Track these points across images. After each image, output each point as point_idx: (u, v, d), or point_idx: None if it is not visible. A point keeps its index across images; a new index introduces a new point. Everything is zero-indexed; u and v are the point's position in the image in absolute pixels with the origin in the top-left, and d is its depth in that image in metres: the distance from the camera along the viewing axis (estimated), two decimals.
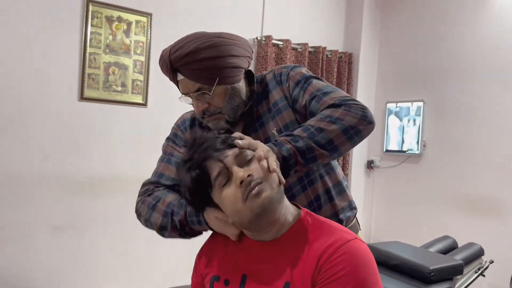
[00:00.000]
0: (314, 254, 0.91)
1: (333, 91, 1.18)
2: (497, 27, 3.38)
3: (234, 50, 1.20)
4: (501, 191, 3.29)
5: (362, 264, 0.89)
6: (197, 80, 1.18)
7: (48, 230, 2.78)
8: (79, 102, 2.84)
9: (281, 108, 1.25)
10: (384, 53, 4.27)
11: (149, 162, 3.08)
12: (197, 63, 1.16)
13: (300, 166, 1.07)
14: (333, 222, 1.01)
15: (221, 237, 1.10)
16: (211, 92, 1.18)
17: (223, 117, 1.23)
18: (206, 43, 1.15)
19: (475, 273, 2.72)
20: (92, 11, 2.83)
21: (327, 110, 1.13)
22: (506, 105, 3.30)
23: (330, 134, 1.08)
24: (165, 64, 1.20)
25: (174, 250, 3.18)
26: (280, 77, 1.28)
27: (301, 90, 1.22)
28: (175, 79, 1.23)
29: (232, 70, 1.20)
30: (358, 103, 1.13)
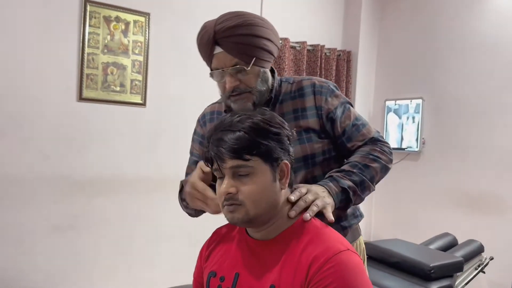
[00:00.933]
0: (305, 262, 0.91)
1: (366, 123, 1.32)
2: (496, 24, 3.38)
3: (271, 36, 1.25)
4: (500, 188, 3.29)
5: (354, 277, 0.88)
6: (236, 54, 1.20)
7: (48, 230, 2.78)
8: (78, 103, 2.84)
9: (309, 115, 1.28)
10: (382, 50, 4.27)
11: (148, 162, 3.11)
12: (241, 37, 1.19)
13: (357, 198, 1.18)
14: (330, 229, 1.01)
15: (223, 233, 1.12)
16: (247, 68, 1.21)
17: (251, 98, 1.25)
18: (250, 20, 1.21)
19: (475, 269, 2.73)
20: (90, 11, 2.83)
21: (367, 147, 1.26)
22: (504, 101, 3.30)
23: (373, 171, 1.22)
24: (207, 34, 1.22)
25: (174, 250, 3.19)
26: (321, 89, 1.31)
27: (343, 113, 1.30)
28: (211, 52, 1.24)
29: (267, 54, 1.25)
30: (386, 141, 1.30)
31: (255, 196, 0.93)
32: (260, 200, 0.94)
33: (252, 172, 0.93)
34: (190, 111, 3.26)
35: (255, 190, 0.93)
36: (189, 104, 3.27)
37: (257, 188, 0.93)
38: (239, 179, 0.94)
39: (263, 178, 0.94)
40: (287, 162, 0.98)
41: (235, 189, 0.94)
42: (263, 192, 0.94)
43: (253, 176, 0.93)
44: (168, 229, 3.21)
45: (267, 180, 0.95)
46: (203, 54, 1.29)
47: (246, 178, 0.94)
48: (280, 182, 0.98)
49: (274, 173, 0.96)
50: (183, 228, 3.21)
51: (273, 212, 0.97)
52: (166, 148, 3.19)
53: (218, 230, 1.16)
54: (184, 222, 3.22)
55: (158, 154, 3.16)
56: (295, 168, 1.22)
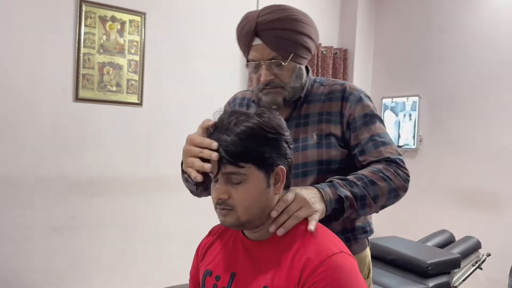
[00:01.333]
0: (298, 264, 0.90)
1: (390, 143, 1.23)
2: (491, 21, 3.39)
3: (312, 34, 1.24)
4: (497, 184, 3.30)
5: (348, 279, 0.88)
6: (275, 48, 1.19)
7: (46, 231, 2.77)
8: (74, 103, 2.84)
9: (333, 121, 1.25)
10: (379, 48, 4.28)
11: (145, 162, 3.10)
12: (282, 32, 1.19)
13: (353, 211, 1.10)
14: (324, 229, 1.00)
15: (220, 232, 1.11)
16: (284, 63, 1.20)
17: (283, 93, 1.24)
18: (294, 16, 1.20)
19: (473, 266, 2.74)
20: (86, 11, 2.82)
21: (381, 164, 1.17)
22: (501, 98, 3.30)
23: (379, 190, 1.13)
24: (249, 25, 1.21)
25: (171, 249, 3.19)
26: (349, 95, 1.26)
27: (364, 125, 1.23)
28: (250, 43, 1.23)
29: (305, 51, 1.24)
30: (405, 167, 1.20)
31: (246, 202, 0.93)
32: (251, 206, 0.93)
33: (245, 179, 0.92)
34: (187, 110, 3.27)
35: (247, 197, 0.92)
36: (186, 103, 3.28)
37: (249, 195, 0.93)
38: (232, 185, 0.93)
39: (256, 185, 0.93)
40: (283, 168, 0.96)
41: (227, 195, 0.93)
42: (255, 199, 0.93)
43: (245, 183, 0.92)
44: (165, 229, 3.21)
45: (260, 187, 0.94)
46: (241, 44, 1.27)
47: (239, 184, 0.93)
48: (275, 186, 0.97)
49: (268, 179, 0.95)
50: (181, 228, 3.21)
51: (265, 216, 0.97)
52: (163, 147, 3.18)
53: (214, 229, 1.15)
54: (182, 222, 3.24)
55: (155, 154, 3.16)
56: (307, 171, 1.20)
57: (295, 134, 1.25)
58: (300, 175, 1.21)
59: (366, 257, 1.31)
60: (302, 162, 1.22)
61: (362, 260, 1.28)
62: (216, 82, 3.42)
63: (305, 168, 1.21)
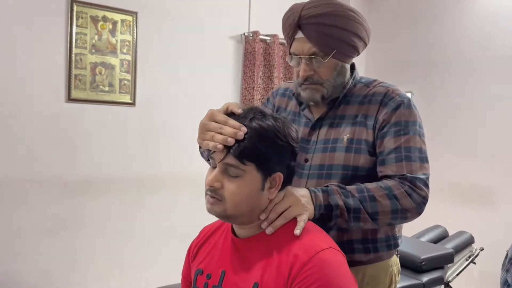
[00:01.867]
0: (287, 260, 0.90)
1: (416, 160, 1.12)
2: (482, 16, 3.41)
3: (360, 31, 1.19)
4: (490, 179, 3.33)
5: (336, 274, 0.88)
6: (316, 43, 1.15)
7: (40, 232, 2.76)
8: (66, 103, 2.82)
9: (368, 125, 1.18)
10: (371, 46, 4.26)
11: (139, 162, 3.10)
12: (325, 27, 1.14)
13: (342, 221, 1.06)
14: (313, 225, 1.00)
15: (211, 232, 1.12)
16: (324, 60, 1.16)
17: (322, 90, 1.20)
18: (340, 12, 1.15)
19: (466, 260, 2.76)
20: (77, 11, 2.81)
21: (392, 181, 1.10)
22: (492, 93, 3.33)
23: (380, 207, 1.06)
24: (293, 17, 1.18)
25: (166, 249, 3.19)
26: (388, 100, 1.19)
27: (394, 133, 1.15)
28: (293, 36, 1.20)
29: (350, 49, 1.20)
30: (423, 189, 1.10)
31: (237, 198, 0.93)
32: (241, 203, 0.93)
33: (242, 175, 0.92)
34: (180, 109, 3.27)
35: (239, 193, 0.93)
36: (179, 102, 3.28)
37: (241, 191, 0.93)
38: (228, 176, 0.93)
39: (250, 185, 0.93)
40: (281, 175, 0.96)
41: (220, 184, 0.93)
42: (246, 198, 0.93)
43: (241, 179, 0.93)
44: (160, 229, 3.20)
45: (254, 188, 0.94)
46: (285, 35, 1.25)
47: (235, 178, 0.93)
48: (269, 191, 0.97)
49: (264, 182, 0.95)
50: (175, 227, 3.21)
51: (254, 216, 0.97)
52: (157, 147, 3.18)
53: (205, 229, 1.15)
54: (176, 221, 3.24)
55: (149, 154, 3.15)
56: (331, 174, 1.16)
57: (327, 134, 1.22)
58: (324, 176, 1.18)
59: (389, 267, 1.24)
60: (328, 164, 1.18)
61: (384, 269, 1.23)
62: (209, 81, 3.42)
63: (330, 171, 1.17)
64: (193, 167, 2.47)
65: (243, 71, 3.60)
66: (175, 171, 3.25)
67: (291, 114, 1.33)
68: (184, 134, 3.17)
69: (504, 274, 1.46)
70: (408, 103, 1.20)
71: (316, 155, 1.21)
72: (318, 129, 1.24)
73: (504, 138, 3.22)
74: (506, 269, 1.45)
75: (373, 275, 1.21)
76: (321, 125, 1.24)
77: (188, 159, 3.11)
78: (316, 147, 1.22)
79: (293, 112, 1.33)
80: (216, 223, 1.13)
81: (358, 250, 1.18)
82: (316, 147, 1.22)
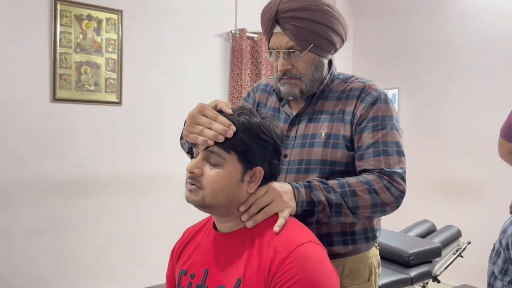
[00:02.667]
0: (268, 255, 0.91)
1: (393, 154, 1.15)
2: (468, 12, 3.44)
3: (337, 26, 1.20)
4: (476, 173, 3.36)
5: (316, 268, 0.88)
6: (293, 37, 1.17)
7: (27, 234, 2.73)
8: (52, 103, 2.79)
9: (345, 120, 1.19)
10: (358, 43, 4.30)
11: (126, 161, 3.08)
12: (301, 21, 1.16)
13: (324, 216, 1.07)
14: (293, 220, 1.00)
15: (194, 232, 1.12)
16: (302, 54, 1.18)
17: (300, 85, 1.21)
18: (316, 6, 1.17)
19: (453, 254, 2.79)
20: (61, 10, 2.78)
21: (371, 175, 1.11)
22: (477, 89, 3.37)
23: (360, 202, 1.08)
24: (270, 11, 1.19)
25: (155, 249, 3.17)
26: (365, 95, 1.20)
27: (372, 128, 1.16)
28: (271, 31, 1.21)
29: (326, 43, 1.20)
30: (400, 183, 1.12)
31: (215, 186, 0.93)
32: (219, 192, 0.94)
33: (223, 164, 0.94)
34: (167, 108, 3.26)
35: (217, 181, 0.93)
36: (166, 101, 3.26)
37: (220, 180, 0.94)
38: (209, 164, 0.95)
39: (230, 174, 0.94)
40: (262, 169, 0.97)
41: (200, 171, 0.95)
42: (224, 187, 0.94)
43: (221, 167, 0.94)
44: (149, 228, 3.19)
45: (234, 178, 0.95)
46: (263, 30, 1.25)
47: (215, 166, 0.94)
48: (249, 185, 0.97)
49: (244, 174, 0.96)
50: (163, 227, 3.20)
51: (232, 208, 0.97)
52: (144, 146, 3.16)
53: (187, 231, 1.15)
54: (165, 220, 3.23)
55: (136, 153, 3.13)
56: (310, 169, 1.18)
57: (305, 130, 1.23)
58: (303, 171, 1.19)
59: (368, 259, 1.26)
60: (306, 159, 1.19)
61: (363, 261, 1.24)
62: (197, 79, 3.40)
63: (308, 166, 1.18)
64: (182, 166, 2.46)
65: (231, 69, 3.59)
66: (164, 170, 3.23)
67: (271, 110, 1.34)
68: (172, 133, 3.15)
69: (491, 266, 1.48)
70: (385, 98, 1.21)
71: (295, 150, 1.22)
72: (297, 125, 1.26)
73: (489, 132, 3.24)
74: (493, 261, 1.47)
75: (352, 267, 1.22)
76: (300, 121, 1.25)
77: (176, 158, 3.08)
78: (295, 143, 1.23)
79: (273, 108, 1.34)
80: (199, 224, 1.14)
81: (337, 242, 1.19)
82: (295, 143, 1.23)
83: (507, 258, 1.37)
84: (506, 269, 1.39)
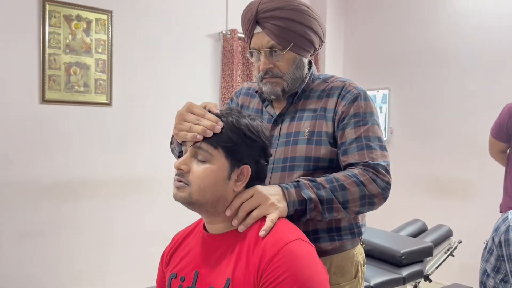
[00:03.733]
0: (256, 254, 0.91)
1: (376, 148, 1.17)
2: (459, 13, 3.47)
3: (315, 26, 1.23)
4: (466, 172, 3.39)
5: (304, 265, 0.88)
6: (273, 36, 1.19)
7: (16, 237, 2.70)
8: (41, 105, 2.76)
9: (327, 117, 1.22)
10: (349, 43, 4.32)
11: (117, 163, 3.05)
12: (281, 20, 1.18)
13: (317, 213, 1.08)
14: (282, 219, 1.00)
15: (183, 237, 1.11)
16: (282, 53, 1.21)
17: (282, 83, 1.24)
18: (295, 6, 1.20)
19: (445, 254, 2.80)
20: (49, 10, 2.75)
21: (357, 169, 1.13)
22: (467, 88, 3.39)
23: (350, 195, 1.10)
24: (250, 12, 1.22)
25: (146, 251, 3.15)
26: (346, 93, 1.23)
27: (353, 125, 1.19)
28: (251, 31, 1.24)
29: (306, 42, 1.23)
30: (385, 175, 1.15)
31: (201, 182, 0.94)
32: (205, 188, 0.94)
33: (210, 160, 0.95)
34: (157, 109, 3.24)
35: (204, 177, 0.94)
36: (156, 102, 3.24)
37: (206, 176, 0.94)
38: (197, 161, 0.96)
39: (217, 170, 0.95)
40: (249, 168, 0.98)
41: (187, 168, 0.96)
42: (211, 183, 0.94)
43: (208, 164, 0.95)
44: (140, 230, 3.17)
45: (221, 174, 0.95)
46: (244, 31, 1.27)
47: (203, 163, 0.95)
48: (236, 183, 0.98)
49: (231, 172, 0.96)
50: (156, 229, 3.18)
51: (219, 207, 0.97)
52: (135, 147, 3.14)
53: (177, 235, 1.15)
54: (156, 223, 3.21)
55: (127, 154, 3.11)
56: (294, 166, 1.19)
57: (288, 128, 1.25)
58: (288, 169, 1.21)
59: (354, 256, 1.28)
60: (290, 156, 1.21)
61: (349, 259, 1.26)
62: (188, 79, 3.39)
63: (293, 163, 1.20)
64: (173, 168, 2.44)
65: (222, 69, 3.58)
66: (154, 172, 3.21)
67: (254, 111, 1.37)
68: (162, 134, 3.13)
69: (484, 264, 1.48)
70: (364, 95, 1.24)
71: (279, 149, 1.24)
72: (280, 124, 1.28)
73: (480, 132, 3.27)
74: (486, 259, 1.48)
75: (339, 264, 1.24)
76: (283, 120, 1.28)
77: (167, 159, 3.07)
78: (279, 142, 1.26)
79: (256, 110, 1.37)
80: (188, 228, 1.13)
81: (323, 239, 1.20)
82: (279, 142, 1.26)
83: (500, 255, 1.37)
84: (499, 266, 1.39)
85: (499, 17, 3.25)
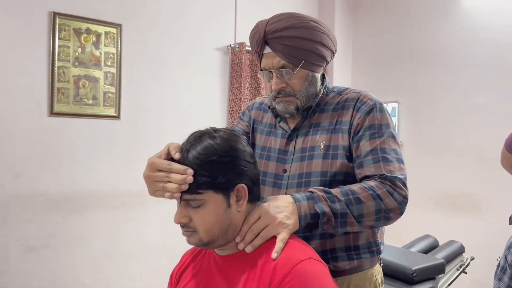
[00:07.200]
0: (267, 273, 0.89)
1: (393, 161, 1.14)
2: (467, 26, 3.44)
3: (325, 40, 1.21)
4: (478, 187, 3.33)
5: (316, 285, 0.86)
6: (284, 56, 1.18)
7: (22, 250, 2.68)
8: (49, 118, 2.77)
9: (343, 130, 1.20)
10: (357, 56, 4.31)
11: (125, 176, 3.04)
12: (290, 40, 1.17)
13: (329, 227, 1.05)
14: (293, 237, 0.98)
15: (192, 256, 1.09)
16: (294, 72, 1.19)
17: (295, 102, 1.22)
18: (303, 23, 1.18)
19: (457, 270, 2.74)
20: (59, 24, 2.77)
21: (373, 181, 1.10)
22: (477, 101, 3.35)
23: (365, 209, 1.06)
24: (258, 33, 1.21)
25: (155, 265, 3.12)
26: (361, 105, 1.20)
27: (369, 136, 1.16)
28: (261, 51, 1.22)
29: (318, 58, 1.21)
30: (403, 189, 1.11)
31: (206, 226, 0.93)
32: (212, 229, 0.93)
33: (204, 203, 0.92)
34: (165, 122, 3.23)
35: (207, 220, 0.93)
36: (165, 115, 3.24)
37: (208, 218, 0.92)
38: (192, 208, 0.94)
39: (215, 208, 0.93)
40: (244, 186, 0.95)
41: (188, 219, 0.94)
42: (215, 222, 0.93)
43: (204, 207, 0.93)
44: (148, 244, 3.14)
45: (220, 209, 0.93)
46: (253, 52, 1.26)
47: (198, 208, 0.93)
48: (237, 204, 0.95)
49: (229, 200, 0.94)
50: (163, 242, 3.15)
51: (230, 234, 0.96)
52: (143, 160, 3.10)
53: (186, 254, 1.14)
54: (164, 237, 3.18)
55: (135, 167, 3.10)
56: (310, 182, 1.16)
57: (303, 143, 1.23)
58: (303, 184, 1.18)
59: (373, 276, 1.23)
60: (306, 172, 1.18)
61: (368, 279, 1.22)
62: (196, 93, 3.39)
63: (309, 179, 1.18)
64: None
65: (230, 83, 3.58)
66: None
67: (268, 126, 1.35)
68: None
69: (497, 283, 1.44)
70: (380, 107, 1.21)
71: (294, 164, 1.22)
72: (295, 139, 1.26)
73: (491, 146, 3.22)
74: (499, 277, 1.43)
75: (358, 284, 1.19)
76: (297, 135, 1.26)
77: None
78: (294, 157, 1.23)
79: (270, 125, 1.35)
80: (197, 247, 1.11)
81: (341, 258, 1.17)
82: (294, 157, 1.23)
83: None
84: None
85: (510, 32, 3.22)
